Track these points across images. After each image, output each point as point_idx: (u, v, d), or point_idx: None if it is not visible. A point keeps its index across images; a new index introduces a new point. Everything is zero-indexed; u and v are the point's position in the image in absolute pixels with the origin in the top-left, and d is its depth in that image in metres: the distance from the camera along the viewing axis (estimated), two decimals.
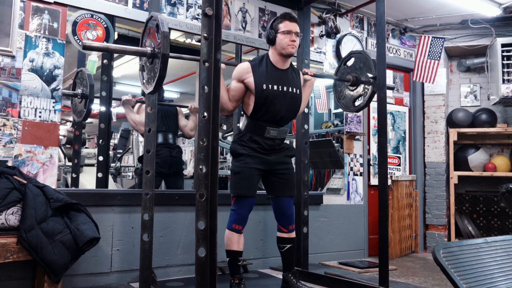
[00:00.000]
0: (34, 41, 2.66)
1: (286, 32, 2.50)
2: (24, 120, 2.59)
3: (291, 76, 2.62)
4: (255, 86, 2.49)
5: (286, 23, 2.52)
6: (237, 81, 2.53)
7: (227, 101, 2.53)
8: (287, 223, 2.62)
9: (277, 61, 2.57)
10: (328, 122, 5.29)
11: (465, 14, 4.39)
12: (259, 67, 2.54)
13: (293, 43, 2.51)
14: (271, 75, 2.53)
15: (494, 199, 4.66)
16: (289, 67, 2.63)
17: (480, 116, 4.66)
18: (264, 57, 2.60)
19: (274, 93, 2.51)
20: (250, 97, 2.53)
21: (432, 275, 3.46)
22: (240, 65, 2.57)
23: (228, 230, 2.49)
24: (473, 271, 1.60)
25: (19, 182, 2.21)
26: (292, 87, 2.59)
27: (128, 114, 3.46)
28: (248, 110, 2.55)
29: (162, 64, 1.98)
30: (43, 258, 2.11)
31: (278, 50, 2.54)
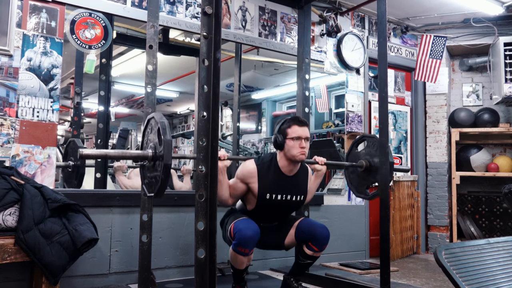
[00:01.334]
0: (31, 40, 2.66)
1: (296, 138, 2.43)
2: (22, 120, 2.59)
3: (298, 182, 2.58)
4: (258, 194, 2.45)
5: (294, 128, 2.44)
6: (241, 182, 2.48)
7: (228, 198, 2.48)
8: (322, 244, 2.52)
9: (285, 167, 2.50)
10: (329, 122, 5.29)
11: (467, 12, 4.39)
12: (265, 172, 2.47)
13: (303, 150, 2.44)
14: (277, 183, 2.48)
15: (496, 199, 4.65)
16: (298, 170, 2.56)
17: (482, 116, 4.66)
18: (271, 160, 2.52)
19: (277, 203, 2.49)
20: (252, 198, 2.50)
21: (434, 276, 3.46)
22: (246, 167, 2.49)
23: (233, 251, 2.33)
24: (475, 273, 1.60)
25: (17, 182, 2.21)
26: (297, 195, 2.56)
27: (119, 180, 3.54)
28: (247, 205, 2.56)
29: (164, 175, 1.81)
30: (41, 259, 2.11)
31: (287, 156, 2.47)
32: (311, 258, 2.56)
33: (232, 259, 2.37)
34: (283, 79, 5.77)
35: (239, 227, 2.31)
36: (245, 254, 2.31)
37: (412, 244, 4.51)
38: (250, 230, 2.29)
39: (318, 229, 2.51)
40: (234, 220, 2.41)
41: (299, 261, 2.59)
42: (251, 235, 2.27)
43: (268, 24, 3.74)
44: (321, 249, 2.53)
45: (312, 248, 2.52)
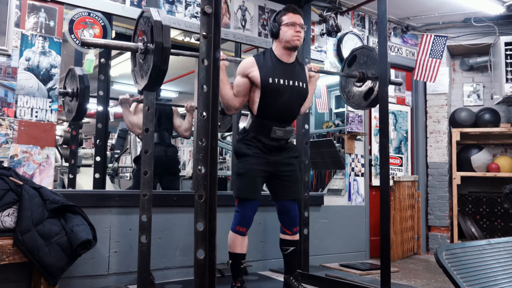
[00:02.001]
0: (30, 40, 2.66)
1: (290, 24, 2.47)
2: (20, 120, 2.59)
3: (297, 70, 2.59)
4: (260, 80, 2.45)
5: (289, 15, 2.49)
6: (242, 76, 2.50)
7: (233, 98, 2.49)
8: (291, 225, 2.59)
9: (282, 55, 2.53)
10: (329, 122, 5.29)
11: (468, 12, 4.39)
12: (263, 61, 2.51)
13: (298, 34, 2.47)
14: (276, 69, 2.50)
15: (497, 200, 4.66)
16: (295, 60, 2.60)
17: (483, 116, 4.66)
18: (268, 51, 2.57)
19: (281, 87, 2.47)
20: (256, 92, 2.49)
21: (435, 277, 3.46)
22: (244, 60, 2.54)
23: (232, 232, 2.49)
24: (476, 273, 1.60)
25: (15, 183, 2.21)
26: (299, 81, 2.56)
27: (125, 115, 3.45)
28: (253, 107, 2.52)
29: (157, 56, 1.90)
30: (40, 261, 2.11)
31: (282, 43, 2.50)
32: (290, 243, 2.61)
33: (230, 241, 2.48)
34: None
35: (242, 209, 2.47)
36: (243, 233, 2.47)
37: (412, 245, 4.51)
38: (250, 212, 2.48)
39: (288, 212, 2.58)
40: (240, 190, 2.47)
41: (283, 252, 2.64)
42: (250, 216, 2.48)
43: (268, 24, 3.74)
44: (293, 231, 2.60)
45: (285, 232, 2.61)
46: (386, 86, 2.72)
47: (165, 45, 1.89)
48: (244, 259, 2.52)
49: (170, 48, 1.91)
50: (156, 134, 3.51)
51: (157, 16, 1.91)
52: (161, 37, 1.88)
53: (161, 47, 1.88)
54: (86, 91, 2.83)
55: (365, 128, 4.36)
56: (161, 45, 1.88)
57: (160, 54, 1.88)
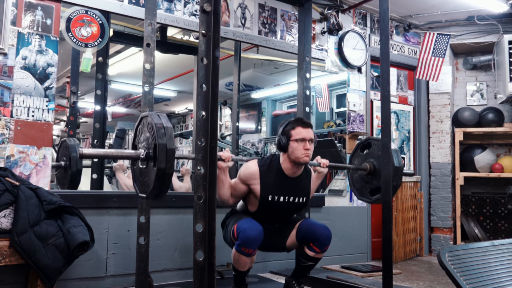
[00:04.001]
0: (26, 38, 2.66)
1: (300, 140, 2.43)
2: (17, 119, 2.59)
3: (301, 184, 2.58)
4: (260, 196, 2.45)
5: (299, 129, 2.45)
6: (242, 183, 2.49)
7: (229, 197, 2.48)
8: (324, 245, 2.52)
9: (288, 169, 2.50)
10: (330, 122, 5.29)
11: (471, 10, 4.39)
12: (268, 173, 2.48)
13: (307, 152, 2.44)
14: (279, 185, 2.48)
15: (501, 200, 4.66)
16: (302, 172, 2.57)
17: (486, 115, 4.66)
18: (275, 162, 2.52)
19: (280, 204, 2.49)
20: (254, 200, 2.51)
21: (438, 279, 3.46)
22: (248, 167, 2.50)
23: (236, 252, 2.32)
24: (479, 275, 1.60)
25: (11, 184, 2.21)
26: (300, 197, 2.56)
27: (120, 180, 3.53)
28: (249, 206, 2.56)
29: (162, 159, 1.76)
30: (36, 262, 2.11)
31: (291, 158, 2.47)
32: (313, 259, 2.55)
33: (234, 260, 2.36)
34: (283, 78, 5.77)
35: (243, 227, 2.30)
36: (248, 255, 2.30)
37: (415, 246, 4.51)
38: (254, 230, 2.28)
39: (320, 230, 2.51)
40: (237, 221, 2.41)
41: (300, 263, 2.59)
42: (255, 235, 2.27)
43: (268, 22, 3.74)
44: (323, 250, 2.52)
45: (314, 249, 2.51)
46: (388, 86, 2.72)
47: (169, 147, 1.78)
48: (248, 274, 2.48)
49: (175, 150, 1.82)
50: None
51: (157, 119, 1.82)
52: (164, 139, 1.78)
53: (165, 149, 1.77)
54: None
55: (366, 127, 4.36)
56: (165, 147, 1.77)
57: (164, 156, 1.76)
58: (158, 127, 1.79)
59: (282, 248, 2.64)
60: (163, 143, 1.76)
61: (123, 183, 3.51)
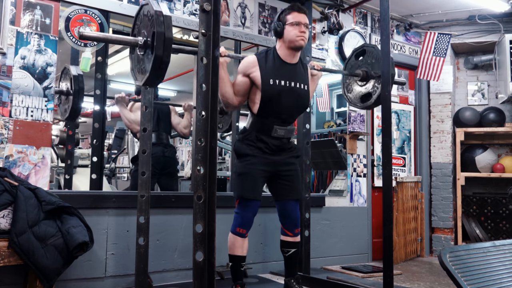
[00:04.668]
0: (25, 38, 2.66)
1: (295, 24, 2.46)
2: (16, 119, 2.59)
3: (300, 71, 2.59)
4: (261, 82, 2.45)
5: (294, 14, 2.49)
6: (243, 75, 2.50)
7: (232, 96, 2.49)
8: (292, 227, 2.59)
9: (285, 55, 2.53)
10: (331, 122, 5.29)
11: (472, 9, 4.39)
12: (266, 61, 2.50)
13: (303, 34, 2.46)
14: (278, 69, 2.50)
15: (502, 201, 4.66)
16: (298, 61, 2.59)
17: (488, 115, 4.66)
18: (271, 50, 2.56)
19: (282, 89, 2.47)
20: (256, 93, 2.49)
21: (439, 280, 3.46)
22: (246, 59, 2.53)
23: (232, 234, 2.47)
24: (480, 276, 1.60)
25: (10, 184, 2.21)
26: (301, 83, 2.55)
27: (122, 113, 3.49)
28: (254, 107, 2.52)
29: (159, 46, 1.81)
30: (35, 263, 2.11)
31: (286, 43, 2.50)
32: (291, 245, 2.60)
33: (231, 244, 2.47)
34: None
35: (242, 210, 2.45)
36: (243, 235, 2.45)
37: (416, 247, 4.51)
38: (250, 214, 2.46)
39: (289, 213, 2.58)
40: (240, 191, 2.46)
41: (284, 254, 2.64)
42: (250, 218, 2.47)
43: (268, 21, 3.74)
44: (294, 233, 2.59)
45: (286, 233, 2.60)
46: (389, 85, 2.72)
47: (167, 35, 1.82)
48: (245, 262, 2.51)
49: (172, 38, 1.86)
50: (154, 134, 3.53)
51: (157, 7, 1.87)
52: (163, 27, 1.82)
53: (163, 37, 1.82)
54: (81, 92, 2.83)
55: (367, 127, 4.36)
56: (162, 35, 1.82)
57: (162, 44, 1.82)
58: (158, 15, 1.83)
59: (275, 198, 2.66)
60: (161, 31, 1.82)
61: (124, 117, 3.48)
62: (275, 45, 2.59)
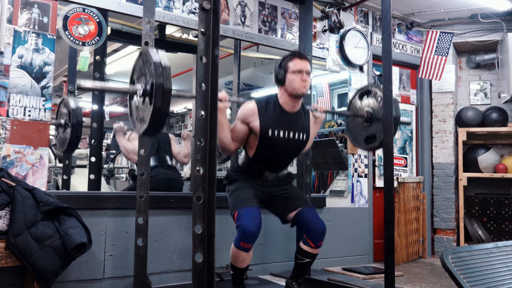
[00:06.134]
0: (23, 37, 2.66)
1: (297, 72, 2.45)
2: (13, 119, 2.59)
3: (300, 119, 2.59)
4: (260, 131, 2.46)
5: (296, 61, 2.47)
6: (241, 123, 2.50)
7: (230, 142, 2.50)
8: (317, 239, 2.52)
9: (286, 103, 2.52)
10: (331, 121, 5.29)
11: (474, 8, 4.39)
12: (266, 109, 2.49)
13: (305, 83, 2.46)
14: (278, 119, 2.50)
15: (505, 201, 4.66)
16: (300, 108, 2.58)
17: (490, 115, 4.66)
18: (272, 98, 2.55)
19: (280, 140, 2.49)
20: (254, 139, 2.51)
21: (441, 281, 3.46)
22: (246, 106, 2.52)
23: (235, 248, 2.37)
24: (483, 277, 1.60)
25: (8, 184, 2.21)
26: (300, 133, 2.56)
27: (120, 143, 3.52)
28: (249, 151, 2.56)
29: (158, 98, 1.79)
30: (33, 264, 2.11)
31: (288, 91, 2.49)
32: (309, 255, 2.56)
33: (233, 256, 2.40)
34: None
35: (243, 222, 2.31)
36: (247, 250, 2.35)
37: (417, 248, 4.51)
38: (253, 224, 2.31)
39: (314, 223, 2.52)
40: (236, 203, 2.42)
41: (297, 260, 2.60)
42: (253, 231, 2.31)
43: (268, 20, 3.74)
44: (317, 245, 2.53)
45: (308, 243, 2.53)
46: (390, 85, 2.72)
47: (166, 87, 1.79)
48: (247, 270, 2.49)
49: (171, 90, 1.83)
50: (155, 157, 3.57)
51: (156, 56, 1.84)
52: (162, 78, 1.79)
53: (162, 88, 1.78)
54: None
55: None
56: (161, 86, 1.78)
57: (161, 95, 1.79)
58: (156, 66, 1.81)
59: (283, 217, 2.65)
60: (160, 82, 1.79)
61: (123, 147, 3.49)
62: (276, 93, 2.57)
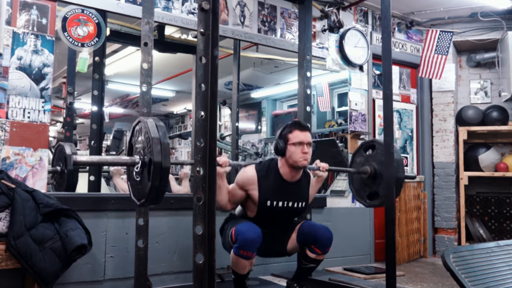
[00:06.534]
0: (22, 38, 2.66)
1: (297, 144, 2.44)
2: (12, 121, 2.59)
3: (300, 188, 2.59)
4: (258, 202, 2.47)
5: (296, 133, 2.46)
6: (240, 188, 2.50)
7: (227, 203, 2.50)
8: (325, 246, 2.54)
9: (287, 173, 2.52)
10: (332, 121, 5.29)
11: (474, 6, 4.39)
12: (266, 178, 2.49)
13: (305, 155, 2.45)
14: (278, 189, 2.50)
15: (506, 200, 4.65)
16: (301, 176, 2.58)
17: (491, 114, 4.66)
18: (273, 167, 2.54)
19: (279, 210, 2.51)
20: (252, 205, 2.52)
21: (442, 281, 3.46)
22: (246, 173, 2.51)
23: (234, 255, 2.34)
24: (484, 276, 1.60)
25: (7, 186, 2.21)
26: (299, 201, 2.57)
27: (118, 185, 3.56)
28: (248, 212, 2.58)
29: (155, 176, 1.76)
30: (33, 266, 2.11)
31: (289, 163, 2.48)
32: (314, 261, 2.56)
33: (233, 264, 2.37)
34: (283, 77, 5.77)
35: (241, 229, 2.31)
36: (247, 258, 2.32)
37: (418, 248, 4.51)
38: (253, 232, 2.30)
39: (320, 231, 2.52)
40: (235, 224, 2.42)
41: (302, 265, 2.60)
42: (254, 238, 2.29)
43: (268, 20, 3.74)
44: (324, 251, 2.54)
45: (315, 251, 2.53)
46: (390, 84, 2.72)
47: (164, 166, 1.76)
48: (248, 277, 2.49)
49: (169, 167, 1.81)
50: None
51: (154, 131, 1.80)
52: (160, 156, 1.76)
53: (160, 167, 1.76)
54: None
55: (369, 127, 4.36)
56: (160, 165, 1.76)
57: (159, 174, 1.76)
58: (155, 143, 1.77)
59: (283, 252, 2.65)
60: (158, 161, 1.75)
61: (120, 188, 3.52)
62: (277, 161, 2.56)
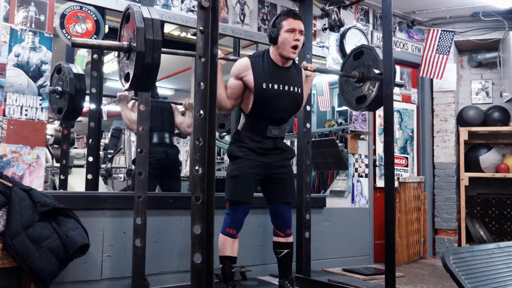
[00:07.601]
0: (19, 35, 2.65)
1: (290, 31, 2.49)
2: (9, 118, 2.59)
3: (293, 74, 2.62)
4: (254, 85, 2.48)
5: (289, 20, 2.50)
6: (235, 78, 2.53)
7: (225, 99, 2.54)
8: (284, 227, 2.62)
9: (278, 60, 2.57)
10: (332, 121, 5.29)
11: (476, 6, 4.39)
12: (259, 63, 2.53)
13: (297, 42, 2.50)
14: (271, 73, 2.53)
15: (507, 202, 4.66)
16: (291, 64, 2.63)
17: (492, 114, 4.66)
18: (265, 53, 2.59)
19: (275, 92, 2.51)
20: (249, 95, 2.53)
21: (442, 282, 3.46)
22: (238, 61, 2.56)
23: (222, 235, 2.51)
24: (485, 278, 1.60)
25: (4, 185, 2.21)
26: (294, 86, 2.59)
27: (123, 112, 3.48)
28: (246, 108, 2.56)
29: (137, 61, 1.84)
30: (30, 266, 2.11)
31: (279, 50, 2.53)
32: (283, 245, 2.62)
33: (221, 244, 2.50)
34: None
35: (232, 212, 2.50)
36: (233, 236, 2.49)
37: (418, 249, 4.51)
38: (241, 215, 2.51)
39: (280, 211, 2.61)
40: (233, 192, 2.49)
41: (277, 255, 2.65)
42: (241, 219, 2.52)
43: (268, 18, 3.74)
44: (286, 233, 2.61)
45: (278, 234, 2.63)
46: (391, 84, 2.72)
47: (147, 36, 1.83)
48: (235, 263, 2.53)
49: (161, 41, 1.86)
50: (156, 134, 3.53)
51: (137, 8, 1.90)
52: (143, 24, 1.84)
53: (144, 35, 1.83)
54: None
55: (369, 127, 4.36)
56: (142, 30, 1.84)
57: (143, 43, 1.83)
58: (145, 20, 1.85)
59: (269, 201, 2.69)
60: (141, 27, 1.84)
61: (125, 116, 3.47)
62: (268, 49, 2.61)
